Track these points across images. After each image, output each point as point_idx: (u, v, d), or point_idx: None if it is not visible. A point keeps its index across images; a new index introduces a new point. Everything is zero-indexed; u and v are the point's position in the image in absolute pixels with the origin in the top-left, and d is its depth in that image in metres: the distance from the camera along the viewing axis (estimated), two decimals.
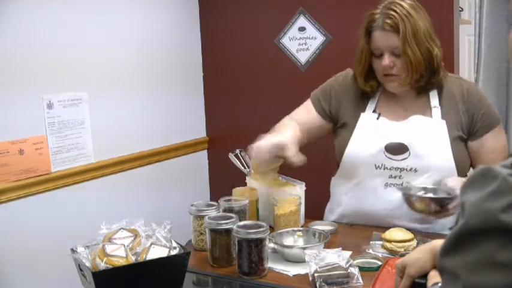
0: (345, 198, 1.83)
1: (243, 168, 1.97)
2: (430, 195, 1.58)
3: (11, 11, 2.03)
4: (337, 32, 2.71)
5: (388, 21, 1.63)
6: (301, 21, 2.77)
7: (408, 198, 1.60)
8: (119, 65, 2.52)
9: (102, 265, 1.26)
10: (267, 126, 2.91)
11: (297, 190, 1.86)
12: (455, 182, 1.56)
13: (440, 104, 1.73)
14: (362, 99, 1.81)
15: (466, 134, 1.71)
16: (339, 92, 1.85)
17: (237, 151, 1.99)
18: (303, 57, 2.80)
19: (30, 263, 2.09)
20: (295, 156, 1.63)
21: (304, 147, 2.75)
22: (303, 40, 2.79)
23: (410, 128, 1.71)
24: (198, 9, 3.02)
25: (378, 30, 1.66)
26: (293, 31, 2.80)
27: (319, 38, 2.75)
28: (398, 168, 1.70)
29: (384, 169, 1.72)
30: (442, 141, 1.68)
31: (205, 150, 3.13)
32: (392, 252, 1.54)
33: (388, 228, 1.64)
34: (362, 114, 1.78)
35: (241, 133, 2.97)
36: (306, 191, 1.89)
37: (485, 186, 0.67)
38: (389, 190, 1.73)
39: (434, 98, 1.73)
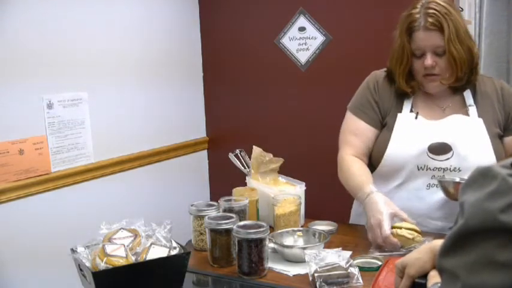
0: None
1: (243, 168, 1.97)
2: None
3: (10, 10, 2.03)
4: (337, 32, 2.71)
5: (431, 19, 1.59)
6: (301, 21, 2.77)
7: (444, 185, 1.63)
8: (119, 65, 2.51)
9: (102, 265, 1.26)
10: (266, 126, 2.93)
11: (297, 190, 1.86)
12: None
13: (475, 102, 1.72)
14: (397, 99, 1.77)
15: (502, 130, 1.72)
16: (376, 97, 1.80)
17: (237, 151, 1.99)
18: (303, 57, 2.80)
19: (30, 263, 2.09)
20: (406, 215, 1.58)
21: (305, 147, 2.76)
22: (303, 40, 2.79)
23: (451, 127, 1.70)
24: (198, 10, 3.02)
25: (420, 30, 1.62)
26: (293, 31, 2.80)
27: (319, 38, 2.75)
28: (441, 168, 1.68)
29: (427, 170, 1.69)
30: (483, 140, 1.67)
31: (205, 150, 3.14)
32: (401, 240, 1.53)
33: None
34: (399, 115, 1.74)
35: (241, 133, 2.98)
36: (306, 191, 1.89)
37: (485, 186, 0.67)
38: (431, 191, 1.71)
39: (469, 97, 1.73)
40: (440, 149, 1.68)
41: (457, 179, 1.65)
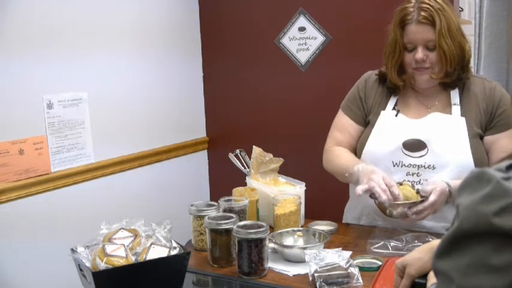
0: (364, 197, 1.79)
1: (243, 168, 1.97)
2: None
3: (10, 10, 2.03)
4: (337, 32, 2.71)
5: (424, 13, 1.62)
6: (301, 21, 2.77)
7: (379, 203, 1.61)
8: (119, 65, 2.51)
9: (102, 265, 1.26)
10: (267, 127, 2.92)
11: (297, 190, 1.86)
12: (431, 186, 1.58)
13: (460, 102, 1.73)
14: (382, 98, 1.81)
15: (483, 130, 1.71)
16: (362, 93, 1.85)
17: (237, 151, 1.99)
18: (303, 57, 2.80)
19: (30, 263, 2.09)
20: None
21: (305, 147, 2.76)
22: (303, 40, 2.79)
23: (429, 125, 1.72)
24: (198, 11, 3.02)
25: (412, 24, 1.65)
26: (293, 31, 2.80)
27: (319, 38, 2.75)
28: (416, 165, 1.70)
29: (402, 166, 1.71)
30: (461, 139, 1.68)
31: (205, 150, 3.14)
32: (404, 191, 1.57)
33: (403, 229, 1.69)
34: (382, 112, 1.79)
35: (241, 133, 2.98)
36: (306, 191, 1.90)
37: (479, 189, 0.67)
38: None
39: (455, 96, 1.74)
40: (414, 145, 1.70)
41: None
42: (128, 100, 2.57)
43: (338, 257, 1.40)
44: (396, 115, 1.76)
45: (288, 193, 1.81)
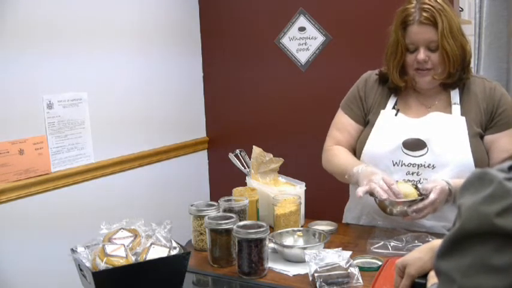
0: (364, 196, 1.77)
1: (243, 168, 1.97)
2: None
3: (10, 10, 2.03)
4: (337, 32, 2.71)
5: (425, 14, 1.62)
6: (301, 21, 2.78)
7: (380, 201, 1.60)
8: (119, 65, 2.51)
9: (102, 265, 1.26)
10: (267, 127, 2.93)
11: (297, 190, 1.86)
12: (431, 184, 1.58)
13: (461, 101, 1.73)
14: (382, 97, 1.82)
15: (483, 130, 1.71)
16: (362, 92, 1.85)
17: (237, 151, 1.99)
18: (303, 57, 2.80)
19: (29, 263, 2.09)
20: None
21: (305, 147, 2.76)
22: (303, 40, 2.79)
23: (429, 124, 1.72)
24: (198, 10, 3.02)
25: (414, 24, 1.65)
26: (293, 31, 2.80)
27: (319, 38, 2.75)
28: (416, 164, 1.70)
29: (402, 165, 1.71)
30: (461, 138, 1.68)
31: (205, 150, 3.14)
32: (405, 190, 1.57)
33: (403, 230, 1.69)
34: (382, 111, 1.79)
35: (241, 133, 2.99)
36: (306, 191, 1.90)
37: (481, 189, 0.67)
38: None
39: (455, 96, 1.74)
40: (414, 145, 1.70)
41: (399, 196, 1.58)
42: (127, 100, 2.58)
43: (338, 257, 1.40)
44: (396, 114, 1.76)
45: (288, 193, 1.81)
